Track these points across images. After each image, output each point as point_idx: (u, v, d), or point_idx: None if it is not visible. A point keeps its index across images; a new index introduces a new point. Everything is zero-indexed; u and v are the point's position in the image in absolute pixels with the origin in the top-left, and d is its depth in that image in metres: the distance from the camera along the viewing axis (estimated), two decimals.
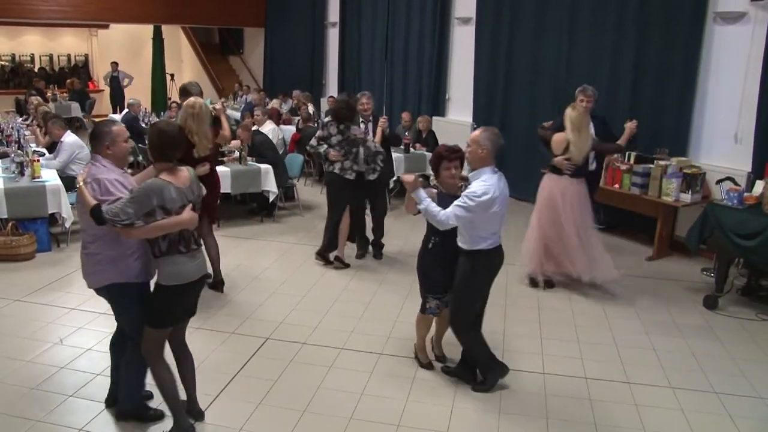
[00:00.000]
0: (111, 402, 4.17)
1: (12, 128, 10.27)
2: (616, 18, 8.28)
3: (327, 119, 6.65)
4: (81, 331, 5.32)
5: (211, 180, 5.94)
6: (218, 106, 6.35)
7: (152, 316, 3.74)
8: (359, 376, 4.69)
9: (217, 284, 6.23)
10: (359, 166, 6.68)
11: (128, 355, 3.93)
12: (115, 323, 4.01)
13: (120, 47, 19.55)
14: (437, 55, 11.55)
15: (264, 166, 8.40)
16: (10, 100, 16.44)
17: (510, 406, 4.33)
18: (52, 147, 8.51)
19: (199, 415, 4.08)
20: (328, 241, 6.96)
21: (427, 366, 4.80)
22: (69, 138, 8.24)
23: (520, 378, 4.69)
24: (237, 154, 8.65)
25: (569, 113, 6.06)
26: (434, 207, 4.23)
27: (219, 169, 8.13)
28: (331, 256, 6.98)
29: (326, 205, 7.03)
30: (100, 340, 5.13)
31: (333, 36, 15.41)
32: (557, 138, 6.16)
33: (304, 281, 6.56)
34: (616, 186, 7.58)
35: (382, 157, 6.87)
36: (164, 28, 17.67)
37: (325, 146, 6.72)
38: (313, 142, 6.88)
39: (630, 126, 6.66)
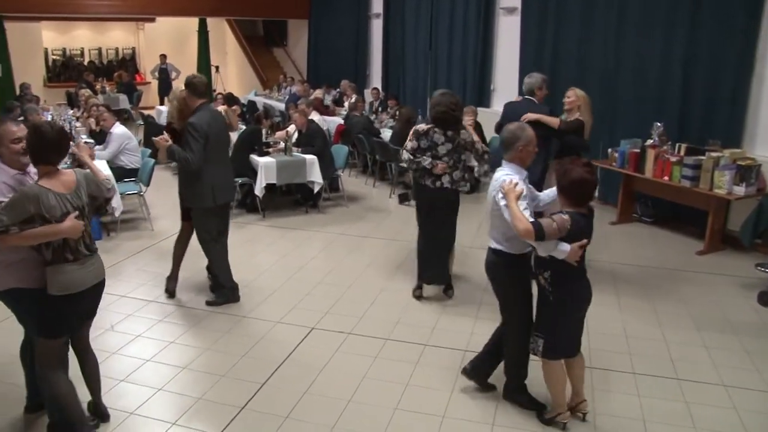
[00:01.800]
0: (32, 408, 4.00)
1: (64, 120, 10.53)
2: (668, 5, 8.07)
3: (425, 126, 5.60)
4: (131, 318, 5.44)
5: None
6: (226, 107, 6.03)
7: (42, 325, 3.55)
8: (404, 366, 4.68)
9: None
10: (468, 174, 5.99)
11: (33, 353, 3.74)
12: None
13: (166, 40, 19.84)
14: (482, 46, 11.45)
15: (309, 157, 8.45)
16: (61, 93, 16.82)
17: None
18: (102, 138, 8.68)
19: (105, 417, 3.95)
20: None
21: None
22: (118, 129, 8.42)
23: None
24: (282, 144, 8.72)
25: (581, 94, 6.41)
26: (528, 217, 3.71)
27: (264, 159, 8.26)
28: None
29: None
30: (150, 326, 5.27)
31: (377, 27, 15.39)
32: (588, 121, 6.30)
33: (349, 271, 6.58)
34: (665, 178, 7.41)
35: (489, 155, 5.97)
36: (209, 20, 17.87)
37: (429, 159, 5.57)
38: (407, 156, 5.65)
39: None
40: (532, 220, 3.60)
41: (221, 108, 10.61)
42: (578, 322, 3.89)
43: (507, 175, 3.85)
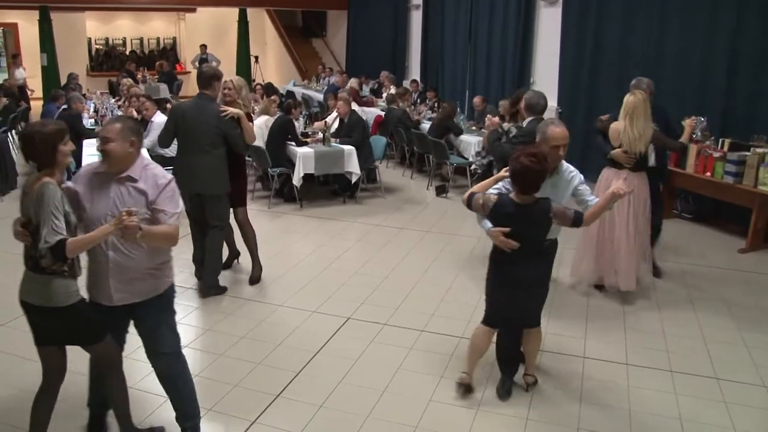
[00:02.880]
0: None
1: (106, 109, 10.73)
2: None
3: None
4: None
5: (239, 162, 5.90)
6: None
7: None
8: (440, 359, 4.69)
9: (256, 280, 6.07)
10: None
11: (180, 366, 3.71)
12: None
13: (206, 30, 20.03)
14: (522, 37, 11.35)
15: (347, 148, 8.48)
16: (104, 82, 17.13)
17: (592, 396, 4.25)
18: (143, 127, 8.82)
19: None
20: None
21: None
22: (159, 118, 8.54)
23: (601, 367, 4.59)
24: (321, 135, 8.77)
25: (627, 98, 5.50)
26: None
27: (302, 149, 8.32)
28: None
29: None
30: (187, 314, 5.35)
31: (416, 18, 15.35)
32: (615, 127, 5.60)
33: (385, 262, 6.60)
34: (708, 174, 7.27)
35: None
36: (249, 11, 18.00)
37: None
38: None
39: (689, 123, 6.02)
40: (475, 192, 3.94)
41: (257, 97, 10.78)
42: (503, 299, 4.10)
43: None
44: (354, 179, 8.61)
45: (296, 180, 8.32)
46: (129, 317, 3.53)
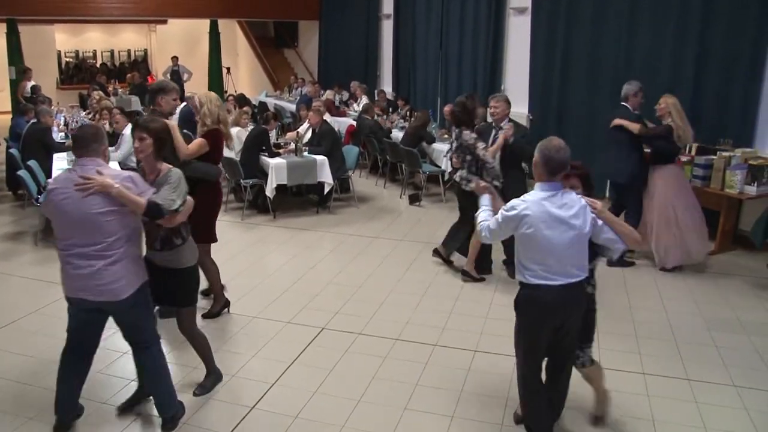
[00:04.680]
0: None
1: (76, 122, 10.62)
2: (679, 5, 8.04)
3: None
4: None
5: (214, 189, 5.48)
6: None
7: (191, 296, 4.14)
8: (414, 366, 4.70)
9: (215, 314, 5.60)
10: (475, 176, 6.05)
11: (160, 359, 3.90)
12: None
13: (177, 42, 19.94)
14: (492, 46, 11.43)
15: (320, 158, 8.48)
16: (74, 94, 16.95)
17: (567, 401, 4.27)
18: (114, 139, 8.74)
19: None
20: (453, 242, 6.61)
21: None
22: (130, 130, 8.45)
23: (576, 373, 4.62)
24: (293, 145, 8.76)
25: (670, 101, 6.48)
26: (482, 216, 3.73)
27: (274, 160, 8.31)
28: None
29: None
30: (160, 327, 5.28)
31: (387, 28, 15.39)
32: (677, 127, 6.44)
33: (359, 272, 6.60)
34: None
35: (493, 171, 6.04)
36: (220, 22, 17.93)
37: (451, 152, 6.48)
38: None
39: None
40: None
41: (230, 108, 10.75)
42: None
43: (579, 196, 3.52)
44: (327, 189, 8.61)
45: (269, 191, 8.29)
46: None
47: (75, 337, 3.75)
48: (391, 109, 12.50)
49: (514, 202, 3.47)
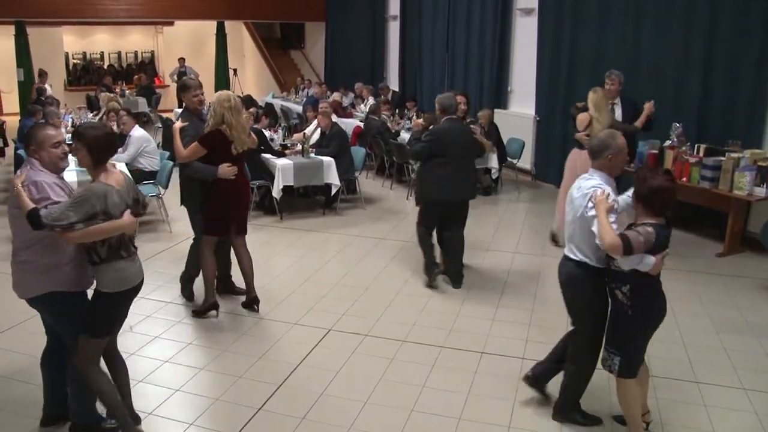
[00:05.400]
0: (48, 421, 3.93)
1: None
2: (686, 5, 8.01)
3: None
4: (149, 319, 5.48)
5: (243, 183, 5.62)
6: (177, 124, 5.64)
7: (92, 325, 3.59)
8: (421, 368, 4.69)
9: (251, 302, 5.71)
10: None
11: (72, 368, 3.72)
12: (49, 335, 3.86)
13: (184, 43, 19.99)
14: (499, 47, 11.43)
15: (327, 159, 8.47)
16: (82, 96, 17.00)
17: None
18: (121, 141, 8.76)
19: (137, 420, 3.93)
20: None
21: None
22: (137, 132, 8.50)
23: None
24: (300, 147, 8.76)
25: (590, 95, 6.71)
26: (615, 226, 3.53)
27: (281, 161, 8.30)
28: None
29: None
30: (168, 328, 5.32)
31: (393, 29, 15.41)
32: (581, 117, 6.82)
33: (365, 273, 6.59)
34: (684, 179, 7.33)
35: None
36: (227, 23, 17.99)
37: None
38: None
39: (648, 107, 7.10)
40: (618, 232, 3.45)
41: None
42: (651, 335, 3.75)
43: (598, 186, 3.66)
44: (333, 191, 8.60)
45: (276, 192, 8.30)
46: None
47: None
48: (397, 110, 12.47)
49: (603, 185, 3.66)
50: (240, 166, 5.42)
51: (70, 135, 10.02)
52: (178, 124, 5.43)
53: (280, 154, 8.62)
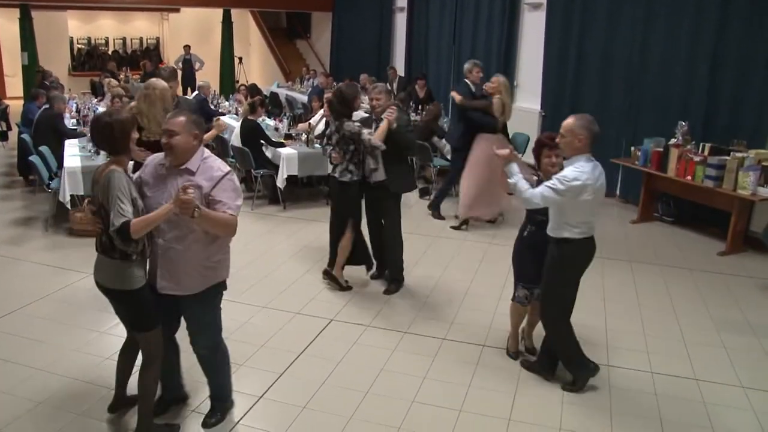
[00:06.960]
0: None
1: (88, 109, 10.66)
2: (694, 4, 7.99)
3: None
4: None
5: None
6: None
7: (141, 320, 3.57)
8: (422, 359, 4.71)
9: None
10: (357, 167, 5.75)
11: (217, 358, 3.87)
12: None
13: (190, 31, 19.96)
14: (506, 41, 11.41)
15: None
16: (86, 81, 16.99)
17: (574, 398, 4.28)
18: None
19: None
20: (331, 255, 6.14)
21: (513, 356, 4.76)
22: None
23: None
24: (304, 136, 8.76)
25: (500, 80, 7.56)
26: (524, 184, 4.11)
27: (286, 151, 8.30)
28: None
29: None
30: None
31: (401, 21, 15.38)
32: (498, 102, 7.49)
33: None
34: (688, 178, 7.35)
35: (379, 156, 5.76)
36: (233, 12, 17.95)
37: (330, 147, 5.79)
38: (324, 142, 6.03)
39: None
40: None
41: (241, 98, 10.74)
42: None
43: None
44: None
45: (280, 182, 8.30)
46: (176, 307, 3.64)
47: None
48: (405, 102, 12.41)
49: (574, 173, 3.94)
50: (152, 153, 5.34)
51: (74, 121, 10.07)
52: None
53: (278, 145, 8.62)
